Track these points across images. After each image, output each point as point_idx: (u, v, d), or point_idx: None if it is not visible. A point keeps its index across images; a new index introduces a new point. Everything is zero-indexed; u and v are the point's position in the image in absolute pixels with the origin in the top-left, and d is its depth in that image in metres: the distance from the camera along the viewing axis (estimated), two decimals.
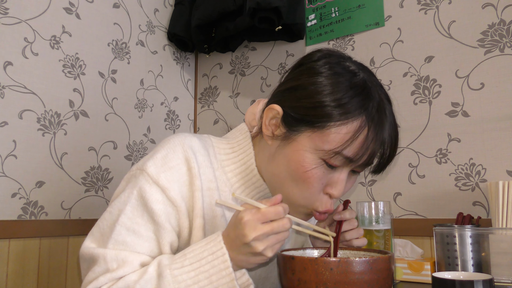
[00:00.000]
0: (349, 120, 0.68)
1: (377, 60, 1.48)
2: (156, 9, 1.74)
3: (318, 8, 1.64)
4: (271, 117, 0.75)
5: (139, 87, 1.62)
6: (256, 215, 0.62)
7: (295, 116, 0.72)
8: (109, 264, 0.67)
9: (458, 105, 1.32)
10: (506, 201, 1.05)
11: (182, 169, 0.73)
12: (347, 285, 0.61)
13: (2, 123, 1.18)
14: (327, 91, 0.69)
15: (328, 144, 0.69)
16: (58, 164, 1.31)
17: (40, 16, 1.30)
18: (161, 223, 0.70)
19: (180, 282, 0.63)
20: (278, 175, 0.75)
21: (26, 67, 1.25)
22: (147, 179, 0.71)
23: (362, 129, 0.68)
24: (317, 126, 0.69)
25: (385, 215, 1.06)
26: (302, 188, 0.72)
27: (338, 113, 0.68)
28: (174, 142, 0.75)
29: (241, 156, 0.80)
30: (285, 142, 0.73)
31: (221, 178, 0.78)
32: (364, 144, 0.69)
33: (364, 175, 1.45)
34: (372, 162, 0.74)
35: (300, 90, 0.72)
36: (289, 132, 0.72)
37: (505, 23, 1.26)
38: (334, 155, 0.69)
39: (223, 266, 0.63)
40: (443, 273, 0.75)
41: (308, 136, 0.70)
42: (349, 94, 0.69)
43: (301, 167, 0.70)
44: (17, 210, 1.20)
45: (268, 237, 0.63)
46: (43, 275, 1.23)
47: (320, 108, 0.69)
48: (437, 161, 1.33)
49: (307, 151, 0.70)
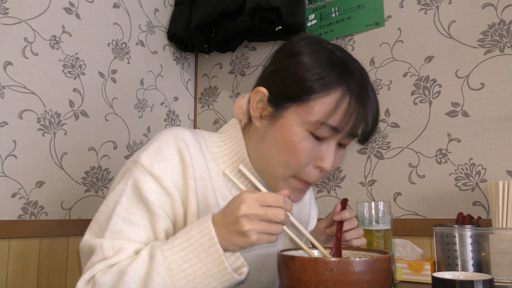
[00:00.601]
0: (331, 91, 0.72)
1: (377, 60, 1.48)
2: (156, 9, 1.74)
3: (318, 8, 1.64)
4: (258, 99, 0.79)
5: (139, 87, 1.62)
6: (257, 195, 0.64)
7: (280, 94, 0.75)
8: (106, 252, 0.69)
9: (458, 105, 1.32)
10: (506, 201, 1.05)
11: (175, 159, 0.75)
12: (347, 285, 0.61)
13: (2, 123, 1.18)
14: (307, 67, 0.74)
15: (313, 115, 0.72)
16: (58, 164, 1.31)
17: (40, 16, 1.30)
18: (155, 210, 0.72)
19: (171, 262, 0.64)
20: (267, 154, 0.78)
21: (26, 67, 1.25)
22: (141, 170, 0.73)
23: (344, 99, 0.72)
24: (301, 100, 0.73)
25: (385, 215, 1.06)
26: (291, 162, 0.75)
27: (320, 85, 0.72)
28: (167, 134, 0.77)
29: (233, 148, 0.83)
30: (272, 120, 0.77)
31: (214, 169, 0.80)
32: (347, 112, 0.72)
33: (365, 175, 1.46)
34: (357, 133, 0.77)
35: (283, 71, 0.76)
36: (275, 111, 0.76)
37: (505, 23, 1.26)
38: (320, 125, 0.72)
39: (210, 243, 0.64)
40: (443, 273, 0.75)
41: (294, 111, 0.74)
42: (328, 68, 0.73)
43: (290, 141, 0.74)
44: (17, 210, 1.20)
45: (259, 221, 0.63)
46: (43, 275, 1.23)
47: (302, 83, 0.73)
48: (437, 161, 1.33)
49: (294, 125, 0.74)
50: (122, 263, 0.67)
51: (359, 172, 1.48)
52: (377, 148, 1.45)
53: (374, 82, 1.48)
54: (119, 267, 0.67)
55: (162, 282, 0.63)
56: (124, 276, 0.65)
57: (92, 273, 0.67)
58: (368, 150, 1.47)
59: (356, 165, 1.49)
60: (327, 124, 0.72)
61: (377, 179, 1.44)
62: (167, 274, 0.64)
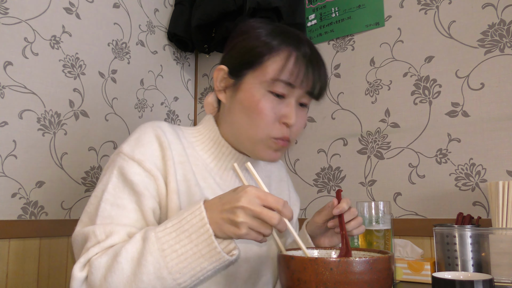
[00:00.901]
0: (279, 52, 0.82)
1: (377, 60, 1.48)
2: (156, 9, 1.74)
3: (318, 8, 1.64)
4: (220, 77, 0.88)
5: (139, 87, 1.62)
6: (258, 192, 0.66)
7: (237, 66, 0.86)
8: (99, 237, 0.72)
9: (458, 105, 1.32)
10: (506, 201, 1.05)
11: (154, 145, 0.81)
12: (347, 285, 0.61)
13: (2, 123, 1.19)
14: (255, 38, 0.85)
15: (268, 74, 0.82)
16: (58, 164, 1.31)
17: (40, 16, 1.30)
18: (141, 191, 0.76)
19: (164, 242, 0.66)
20: (237, 122, 0.86)
21: (26, 67, 1.25)
22: (124, 158, 0.79)
23: (291, 56, 0.82)
24: (255, 64, 0.83)
25: (385, 215, 1.06)
26: (257, 121, 0.82)
27: (268, 48, 0.83)
28: (145, 125, 0.84)
29: (208, 135, 0.91)
30: (235, 89, 0.86)
31: (193, 154, 0.87)
32: (296, 67, 0.82)
33: (365, 175, 1.46)
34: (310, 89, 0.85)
35: (236, 47, 0.88)
36: (236, 80, 0.86)
37: (505, 23, 1.26)
38: (275, 82, 0.81)
39: (200, 224, 0.66)
40: (443, 273, 0.75)
41: (251, 76, 0.84)
42: (273, 34, 0.85)
43: (252, 101, 0.82)
44: (17, 210, 1.20)
45: (253, 218, 0.65)
46: (43, 275, 1.23)
47: (254, 50, 0.83)
48: (437, 161, 1.33)
49: (254, 87, 0.83)
50: (116, 246, 0.69)
51: (359, 172, 1.48)
52: (377, 148, 1.45)
53: (374, 82, 1.48)
54: (114, 249, 0.69)
55: (154, 262, 0.65)
56: (118, 257, 0.67)
57: (87, 257, 0.70)
58: (368, 150, 1.47)
59: (356, 165, 1.49)
60: (281, 80, 0.81)
61: (377, 179, 1.44)
62: (159, 255, 0.65)
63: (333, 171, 1.54)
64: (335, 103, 1.56)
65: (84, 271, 0.69)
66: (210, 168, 0.89)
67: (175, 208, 0.79)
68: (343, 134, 1.53)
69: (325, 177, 1.55)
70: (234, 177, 0.92)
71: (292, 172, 1.63)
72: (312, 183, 1.58)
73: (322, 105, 1.59)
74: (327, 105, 1.58)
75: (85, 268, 0.69)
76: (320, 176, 1.57)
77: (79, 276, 0.68)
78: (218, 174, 0.89)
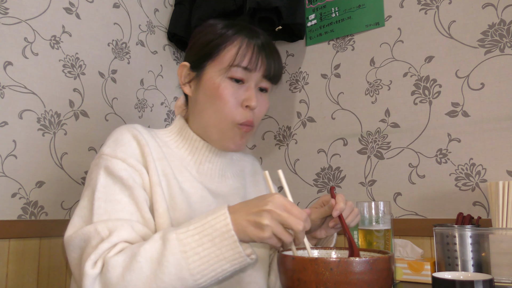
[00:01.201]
0: (233, 41, 0.90)
1: (377, 60, 1.48)
2: (156, 9, 1.74)
3: (318, 8, 1.64)
4: (184, 73, 0.95)
5: (139, 87, 1.62)
6: (285, 201, 0.69)
7: (198, 59, 0.93)
8: (102, 233, 0.73)
9: (458, 105, 1.32)
10: (506, 201, 1.05)
11: (133, 143, 0.85)
12: (347, 285, 0.61)
13: (2, 123, 1.19)
14: (211, 32, 0.93)
15: (225, 62, 0.89)
16: (58, 164, 1.31)
17: (40, 16, 1.30)
18: (131, 185, 0.79)
19: (186, 244, 0.67)
20: (203, 111, 0.92)
21: (26, 67, 1.25)
22: (107, 158, 0.82)
23: (243, 42, 0.89)
24: (213, 55, 0.90)
25: (385, 215, 1.06)
26: (220, 107, 0.88)
27: (223, 39, 0.90)
28: (120, 128, 0.89)
29: (180, 133, 0.97)
30: (198, 81, 0.93)
31: (168, 152, 0.92)
32: (250, 52, 0.88)
33: (365, 175, 1.46)
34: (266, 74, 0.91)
35: (195, 44, 0.95)
36: (198, 72, 0.93)
37: (505, 23, 1.26)
38: (233, 68, 0.88)
39: (225, 229, 0.67)
40: (443, 273, 0.75)
41: (211, 66, 0.90)
42: (226, 28, 0.92)
43: (214, 88, 0.89)
44: (17, 210, 1.20)
45: (278, 223, 0.67)
46: (43, 275, 1.23)
47: (210, 43, 0.91)
48: (437, 161, 1.33)
49: (215, 75, 0.89)
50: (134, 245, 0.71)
51: (359, 172, 1.48)
52: (377, 148, 1.45)
53: (374, 82, 1.48)
54: (131, 248, 0.70)
55: (176, 263, 0.66)
56: (137, 256, 0.68)
57: (97, 254, 0.70)
58: (368, 150, 1.47)
59: (356, 165, 1.49)
60: (238, 65, 0.88)
61: (377, 179, 1.44)
62: (181, 256, 0.67)
63: (333, 171, 1.54)
64: (335, 103, 1.56)
65: (96, 268, 0.69)
66: (186, 162, 0.93)
67: (159, 200, 0.82)
68: (343, 134, 1.53)
69: (325, 177, 1.55)
70: (210, 170, 0.96)
71: (292, 172, 1.63)
72: (312, 183, 1.58)
73: (322, 105, 1.59)
74: (327, 105, 1.58)
75: (96, 265, 0.70)
76: (320, 176, 1.57)
77: (92, 273, 0.69)
78: (194, 168, 0.94)
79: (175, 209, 0.85)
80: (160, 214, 0.81)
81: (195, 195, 0.89)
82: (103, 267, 0.69)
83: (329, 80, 1.59)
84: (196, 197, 0.89)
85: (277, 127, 1.71)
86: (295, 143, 1.65)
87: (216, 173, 0.97)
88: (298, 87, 1.67)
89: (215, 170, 0.97)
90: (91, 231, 0.73)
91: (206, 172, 0.96)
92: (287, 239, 0.68)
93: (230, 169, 1.02)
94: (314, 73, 1.63)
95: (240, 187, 1.02)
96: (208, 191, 0.93)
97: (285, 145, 1.67)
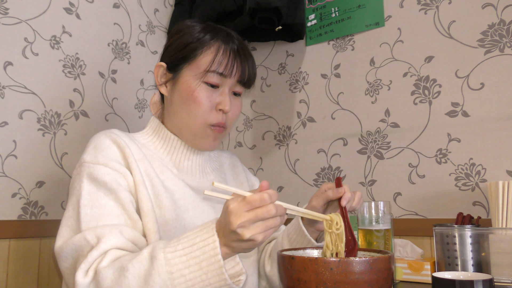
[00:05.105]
0: (210, 46, 0.92)
1: (377, 60, 1.48)
2: (156, 9, 1.74)
3: (318, 8, 1.64)
4: (160, 73, 0.97)
5: (139, 87, 1.62)
6: (241, 203, 0.65)
7: (174, 61, 0.94)
8: (91, 241, 0.73)
9: (458, 105, 1.32)
10: (506, 201, 1.05)
11: (113, 147, 0.86)
12: (347, 285, 0.61)
13: (2, 123, 1.19)
14: (189, 35, 0.94)
15: (201, 66, 0.91)
16: (58, 164, 1.31)
17: (40, 16, 1.30)
18: (115, 188, 0.80)
19: (173, 265, 0.67)
20: (177, 112, 0.94)
21: (26, 67, 1.25)
22: (89, 165, 0.82)
23: (220, 49, 0.91)
24: (190, 58, 0.92)
25: (385, 215, 1.06)
26: (194, 109, 0.91)
27: (200, 43, 0.92)
28: (98, 135, 0.89)
29: (156, 134, 0.98)
30: (174, 82, 0.95)
31: (148, 153, 0.94)
32: (225, 58, 0.91)
33: (365, 175, 1.46)
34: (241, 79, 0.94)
35: (172, 45, 0.96)
36: (174, 74, 0.94)
37: (505, 23, 1.26)
38: (208, 73, 0.90)
39: (212, 253, 0.66)
40: (443, 273, 0.75)
41: (187, 69, 0.92)
42: (204, 32, 0.94)
43: (189, 91, 0.91)
44: (17, 210, 1.20)
45: (255, 224, 0.65)
46: (43, 275, 1.23)
47: (187, 46, 0.92)
48: (437, 161, 1.33)
49: (190, 79, 0.91)
50: (123, 259, 0.70)
51: (359, 172, 1.48)
52: (377, 148, 1.45)
53: (374, 82, 1.48)
54: (120, 262, 0.70)
55: (162, 284, 0.66)
56: (125, 272, 0.67)
57: (88, 263, 0.71)
58: (368, 150, 1.47)
59: (356, 165, 1.49)
60: (212, 71, 0.90)
61: (377, 179, 1.44)
62: (167, 277, 0.66)
63: (333, 171, 1.54)
64: (335, 103, 1.56)
65: (88, 277, 0.70)
66: (166, 162, 0.95)
67: (144, 199, 0.82)
68: (343, 134, 1.53)
69: (325, 177, 1.55)
70: (190, 167, 0.98)
71: (292, 172, 1.63)
72: (312, 183, 1.58)
73: (322, 105, 1.59)
74: (327, 105, 1.58)
75: (88, 273, 0.70)
76: (320, 176, 1.57)
77: (83, 282, 0.69)
78: (174, 167, 0.96)
79: (160, 207, 0.86)
80: (146, 212, 0.82)
81: (178, 192, 0.91)
82: (94, 275, 0.70)
83: (329, 80, 1.59)
84: (179, 193, 0.91)
85: (277, 127, 1.71)
86: (295, 143, 1.65)
87: (197, 170, 0.99)
88: (298, 87, 1.67)
89: (195, 167, 0.99)
90: (80, 240, 0.74)
91: (187, 169, 0.98)
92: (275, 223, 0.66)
93: (209, 165, 1.04)
94: (314, 73, 1.63)
95: (221, 181, 1.05)
96: (190, 188, 0.95)
97: (285, 145, 1.68)
